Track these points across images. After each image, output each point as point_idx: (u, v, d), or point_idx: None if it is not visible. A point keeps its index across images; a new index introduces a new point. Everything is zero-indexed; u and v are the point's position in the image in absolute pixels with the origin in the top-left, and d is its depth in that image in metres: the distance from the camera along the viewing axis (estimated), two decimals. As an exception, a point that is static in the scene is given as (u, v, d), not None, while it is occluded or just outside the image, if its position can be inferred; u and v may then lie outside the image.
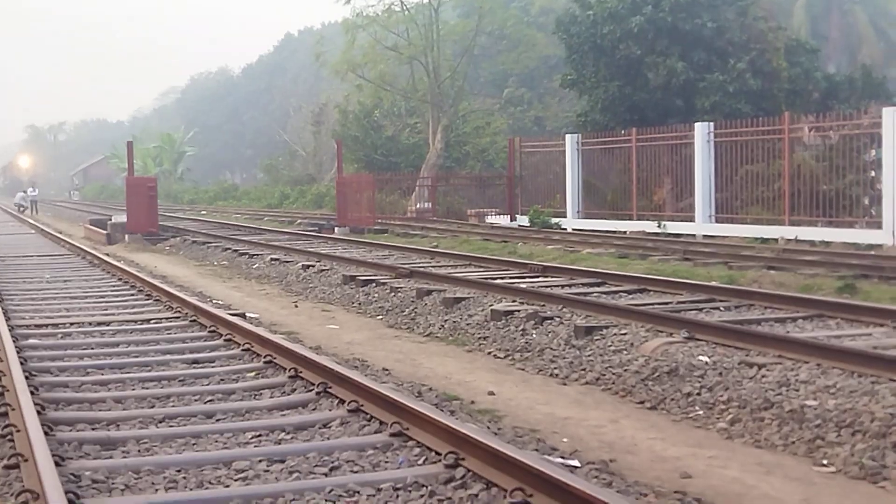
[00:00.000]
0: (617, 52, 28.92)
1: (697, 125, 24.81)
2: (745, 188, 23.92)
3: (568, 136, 29.63)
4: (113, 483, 4.93)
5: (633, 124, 27.83)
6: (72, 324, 10.53)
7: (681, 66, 27.78)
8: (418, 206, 35.36)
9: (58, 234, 27.09)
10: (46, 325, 10.42)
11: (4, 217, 45.52)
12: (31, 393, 6.73)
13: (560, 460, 5.66)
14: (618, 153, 27.95)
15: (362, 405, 6.28)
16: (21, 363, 7.70)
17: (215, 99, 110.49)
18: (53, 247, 23.77)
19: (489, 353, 9.77)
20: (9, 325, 9.84)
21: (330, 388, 6.79)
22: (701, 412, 7.15)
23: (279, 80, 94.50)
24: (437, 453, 5.25)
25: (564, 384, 8.36)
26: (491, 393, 7.94)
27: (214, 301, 13.49)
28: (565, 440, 6.51)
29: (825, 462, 5.99)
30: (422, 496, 4.74)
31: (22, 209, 50.49)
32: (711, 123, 24.83)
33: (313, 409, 6.58)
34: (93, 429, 6.09)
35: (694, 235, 23.43)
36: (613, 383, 8.13)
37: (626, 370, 8.22)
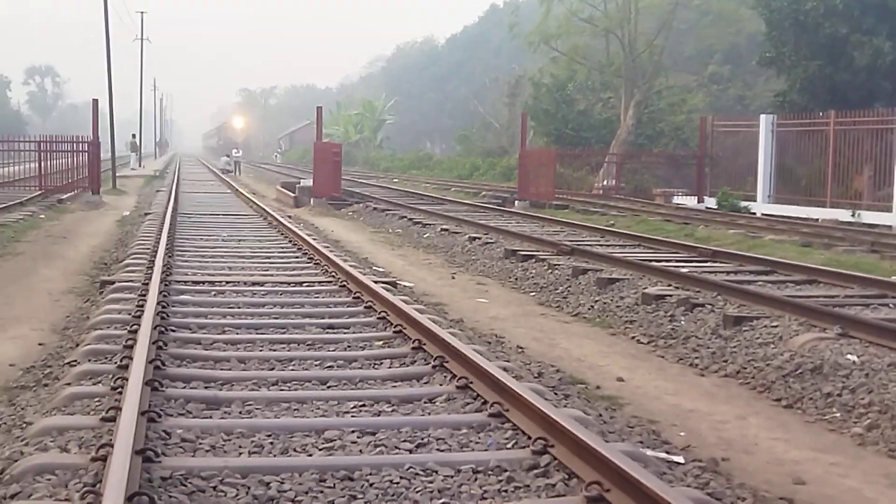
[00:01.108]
0: (819, 30, 27.49)
1: (901, 109, 23.37)
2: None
3: (763, 117, 28.47)
4: (200, 443, 4.98)
5: (833, 106, 26.42)
6: (228, 282, 10.84)
7: (888, 46, 26.16)
8: (605, 182, 34.83)
9: (250, 196, 28.03)
10: (204, 283, 10.74)
11: (208, 176, 47.52)
12: (160, 348, 6.97)
13: (665, 455, 5.40)
14: (815, 137, 26.65)
15: (471, 382, 6.16)
16: (163, 318, 8.01)
17: (419, 68, 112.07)
18: (242, 206, 24.62)
19: (632, 337, 9.47)
20: (167, 281, 10.24)
21: (447, 362, 6.71)
22: (838, 414, 6.69)
23: (482, 52, 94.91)
24: (529, 437, 5.09)
25: (702, 375, 8.00)
26: (620, 379, 7.68)
27: (375, 268, 13.65)
28: (682, 434, 6.21)
29: (961, 480, 5.49)
30: (500, 481, 4.59)
31: (227, 172, 52.49)
32: (917, 108, 23.33)
33: (425, 383, 6.51)
34: (206, 387, 6.20)
35: (890, 227, 22.13)
36: (753, 377, 7.72)
37: (768, 364, 7.79)
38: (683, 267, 12.62)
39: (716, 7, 43.19)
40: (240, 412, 5.68)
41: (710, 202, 28.69)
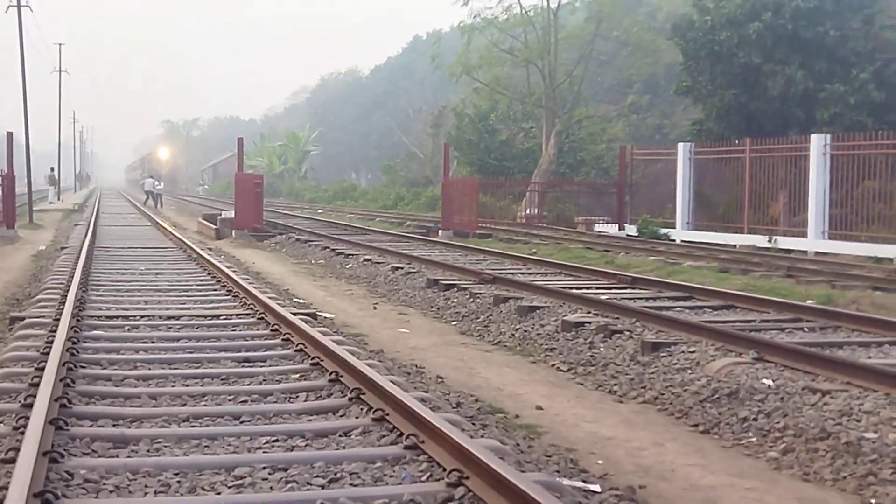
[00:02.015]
0: (734, 60, 28.05)
1: (813, 137, 23.86)
2: (863, 204, 22.91)
3: (680, 145, 28.91)
4: (104, 484, 4.83)
5: (749, 134, 26.93)
6: (143, 316, 10.62)
7: (800, 75, 26.79)
8: (528, 211, 35.03)
9: (171, 228, 27.64)
10: (118, 317, 10.52)
11: (129, 209, 46.78)
12: (67, 385, 6.78)
13: (581, 484, 5.37)
14: (731, 164, 27.13)
15: (387, 414, 6.08)
16: (72, 354, 7.81)
17: (344, 99, 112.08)
18: (161, 239, 24.25)
19: (552, 365, 9.47)
20: (79, 317, 10.01)
21: (363, 394, 6.62)
22: (754, 439, 6.73)
23: (406, 83, 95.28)
24: (444, 469, 5.02)
25: (620, 402, 8.01)
26: (539, 407, 7.65)
27: (295, 300, 13.51)
28: (600, 462, 6.19)
29: (873, 501, 5.53)
30: (413, 516, 4.51)
31: (150, 195, 51.14)
32: (828, 136, 23.84)
33: (341, 416, 6.41)
34: (113, 425, 6.03)
35: (805, 252, 22.56)
36: (671, 403, 7.75)
37: (685, 390, 7.83)
38: (603, 294, 12.69)
39: (634, 38, 43.88)
40: (148, 450, 5.52)
41: (631, 229, 28.99)
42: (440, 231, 28.60)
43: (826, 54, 27.20)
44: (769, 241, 24.04)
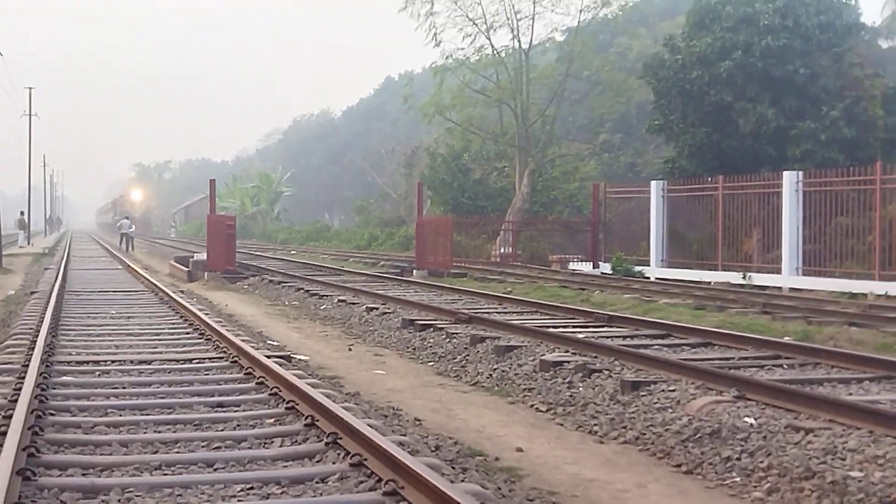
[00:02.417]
0: (705, 98, 28.29)
1: (786, 174, 24.00)
2: (836, 240, 23.01)
3: (653, 183, 29.01)
4: (72, 536, 4.66)
5: (722, 172, 27.08)
6: (114, 361, 10.42)
7: (771, 112, 27.03)
8: (502, 250, 35.00)
9: (143, 272, 27.38)
10: (88, 362, 10.32)
11: (100, 253, 46.37)
12: (36, 433, 6.59)
13: (565, 529, 5.24)
14: (704, 201, 27.23)
15: (365, 459, 5.94)
16: (41, 402, 7.62)
17: (316, 140, 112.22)
18: (133, 283, 23.99)
19: (531, 405, 9.34)
20: (48, 362, 9.81)
21: (340, 439, 6.48)
22: (738, 479, 6.62)
23: (378, 123, 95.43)
24: (425, 517, 4.88)
25: (601, 442, 7.90)
26: (519, 449, 7.52)
27: (269, 342, 13.33)
28: (583, 505, 6.06)
29: (862, 542, 5.44)
30: (394, 565, 4.37)
31: (125, 237, 50.42)
32: (800, 172, 24.00)
33: (317, 462, 6.26)
34: (83, 474, 5.85)
35: (780, 288, 22.60)
36: (652, 443, 7.64)
37: (667, 430, 7.72)
38: (580, 332, 12.61)
39: (605, 78, 44.13)
40: (119, 500, 5.36)
41: (606, 267, 29.00)
42: (414, 271, 28.49)
43: (796, 92, 27.48)
44: (743, 277, 24.09)
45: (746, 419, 7.44)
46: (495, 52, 41.78)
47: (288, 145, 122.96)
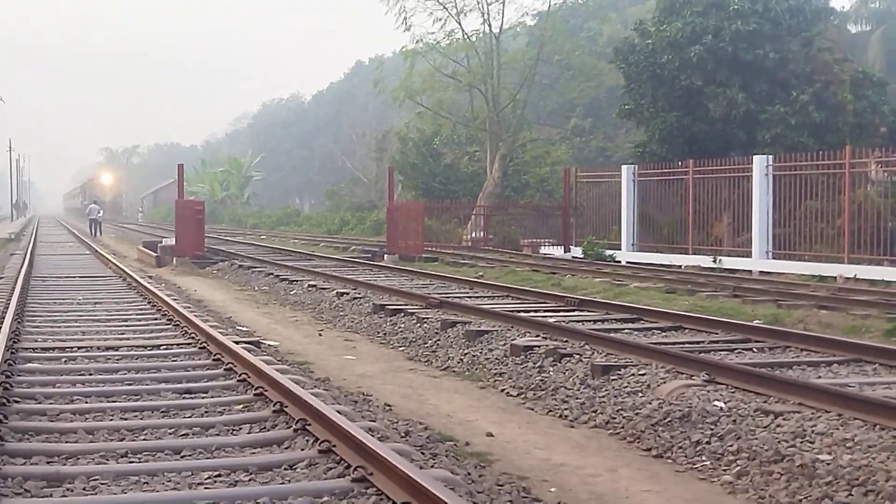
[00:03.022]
0: (676, 83, 28.33)
1: (755, 158, 24.10)
2: (805, 224, 23.13)
3: (624, 167, 29.05)
4: (36, 526, 4.59)
5: (692, 156, 27.15)
6: (80, 348, 10.29)
7: (741, 97, 27.12)
8: (473, 234, 34.97)
9: (110, 257, 27.14)
10: (54, 349, 10.18)
11: (67, 238, 45.95)
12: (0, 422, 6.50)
13: (535, 514, 5.22)
14: (675, 185, 27.30)
15: (334, 446, 5.88)
16: (6, 389, 7.52)
17: (286, 125, 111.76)
18: (101, 268, 23.77)
19: (502, 390, 9.32)
20: (13, 349, 9.68)
21: (309, 425, 6.41)
22: (708, 463, 6.62)
23: (349, 108, 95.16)
24: (394, 503, 4.84)
25: (572, 426, 7.88)
26: (490, 434, 7.50)
27: (238, 328, 13.24)
28: (553, 490, 6.04)
29: (830, 525, 5.44)
30: (362, 552, 4.32)
31: (94, 222, 49.78)
32: (770, 157, 24.10)
33: (286, 448, 6.19)
34: (48, 462, 5.77)
35: (750, 272, 22.70)
36: (623, 427, 7.63)
37: (637, 414, 7.72)
38: (551, 317, 12.60)
39: (576, 62, 44.18)
40: (84, 488, 5.28)
41: (577, 251, 29.04)
42: (385, 255, 28.42)
43: (766, 76, 27.57)
44: (714, 261, 24.19)
45: (716, 403, 7.45)
46: (466, 36, 41.73)
47: (257, 130, 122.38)
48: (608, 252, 27.65)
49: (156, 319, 12.99)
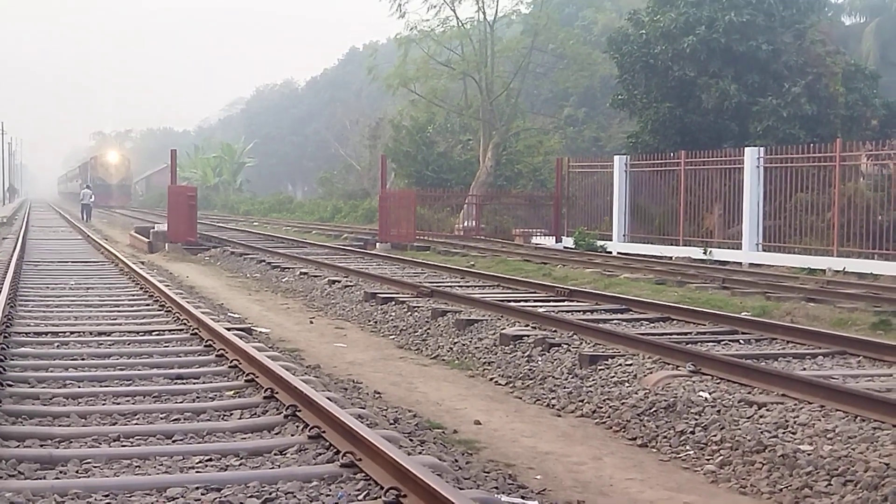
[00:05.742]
0: (669, 73, 28.38)
1: (747, 150, 24.19)
2: (796, 216, 23.24)
3: (616, 158, 29.12)
4: (29, 507, 4.67)
5: (684, 147, 27.23)
6: (73, 332, 10.38)
7: (734, 88, 27.18)
8: (465, 223, 35.04)
9: (102, 242, 27.17)
10: (47, 334, 10.26)
11: (60, 223, 45.92)
12: (-7, 405, 6.58)
13: (520, 501, 5.32)
14: (666, 176, 27.38)
15: (324, 432, 5.98)
16: (-1, 372, 7.60)
17: (279, 111, 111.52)
18: (93, 253, 23.79)
19: (491, 378, 9.42)
20: (6, 333, 9.74)
21: (299, 411, 6.51)
22: (691, 452, 6.73)
23: (342, 94, 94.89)
24: (382, 487, 4.94)
25: (559, 415, 7.99)
26: (477, 422, 7.60)
27: (230, 314, 13.32)
28: (538, 477, 6.14)
29: (810, 514, 5.55)
30: (350, 536, 4.42)
31: (86, 207, 49.57)
32: (762, 148, 24.19)
33: (276, 434, 6.29)
34: (41, 445, 5.85)
35: (740, 263, 22.83)
36: (609, 417, 7.74)
37: (623, 403, 7.82)
38: (541, 307, 12.69)
39: (570, 51, 44.15)
40: (77, 471, 5.36)
41: (568, 242, 29.13)
42: (377, 244, 28.49)
43: (759, 68, 27.65)
44: (704, 252, 24.30)
45: (701, 393, 7.56)
46: (460, 23, 41.67)
47: (251, 115, 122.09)
48: (599, 242, 27.76)
49: (148, 305, 13.06)
